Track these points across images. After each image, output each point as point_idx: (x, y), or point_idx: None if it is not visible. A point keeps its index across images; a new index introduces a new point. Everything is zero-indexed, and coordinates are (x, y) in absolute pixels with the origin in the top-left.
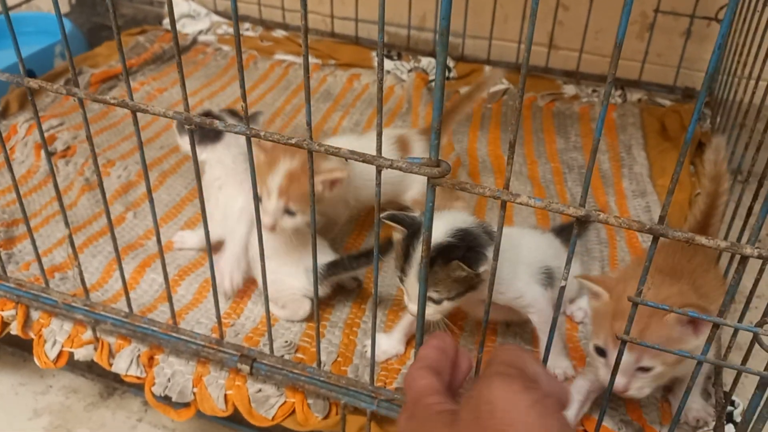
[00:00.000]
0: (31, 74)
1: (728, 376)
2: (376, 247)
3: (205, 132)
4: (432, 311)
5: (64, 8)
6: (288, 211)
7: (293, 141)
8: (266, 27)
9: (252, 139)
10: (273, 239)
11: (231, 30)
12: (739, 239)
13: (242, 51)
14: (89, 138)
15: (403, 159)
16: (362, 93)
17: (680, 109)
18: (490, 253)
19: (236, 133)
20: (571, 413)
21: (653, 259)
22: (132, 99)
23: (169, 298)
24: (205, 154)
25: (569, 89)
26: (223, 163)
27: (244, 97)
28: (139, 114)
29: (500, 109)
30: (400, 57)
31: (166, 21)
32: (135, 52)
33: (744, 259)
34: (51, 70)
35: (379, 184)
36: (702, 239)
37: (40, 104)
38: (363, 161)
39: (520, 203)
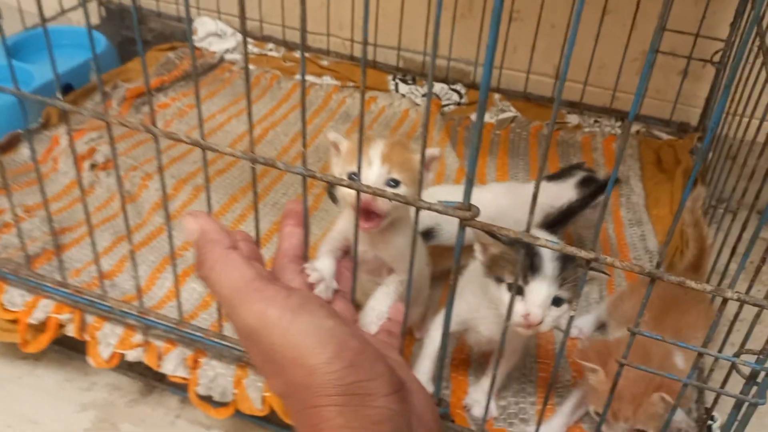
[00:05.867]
0: (69, 88)
1: (709, 396)
2: (410, 275)
3: None
4: (551, 319)
5: (94, 20)
6: (392, 181)
7: (345, 183)
8: (288, 48)
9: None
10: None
11: (256, 49)
12: (726, 267)
13: (266, 71)
14: (160, 169)
15: (440, 202)
16: (379, 115)
17: (675, 144)
18: None
19: (293, 172)
20: None
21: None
22: (203, 138)
23: (218, 306)
24: None
25: (573, 119)
26: None
27: (304, 141)
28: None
29: (508, 135)
30: (414, 81)
31: (195, 38)
32: (166, 68)
33: (725, 301)
34: (87, 84)
35: (416, 222)
36: (692, 283)
37: (78, 117)
38: (404, 203)
39: (539, 245)
